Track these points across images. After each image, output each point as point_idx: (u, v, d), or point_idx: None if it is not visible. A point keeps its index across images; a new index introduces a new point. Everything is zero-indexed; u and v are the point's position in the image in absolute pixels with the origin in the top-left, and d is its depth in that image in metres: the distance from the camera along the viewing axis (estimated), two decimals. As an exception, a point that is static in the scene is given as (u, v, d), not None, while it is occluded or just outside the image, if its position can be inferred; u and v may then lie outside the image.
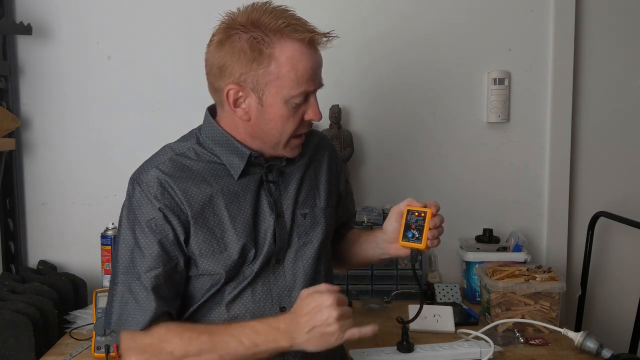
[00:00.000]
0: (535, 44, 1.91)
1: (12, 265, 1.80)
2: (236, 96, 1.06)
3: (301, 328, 0.96)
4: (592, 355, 1.36)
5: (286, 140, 1.09)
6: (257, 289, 1.10)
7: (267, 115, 1.06)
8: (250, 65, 1.03)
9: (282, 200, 1.14)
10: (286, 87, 1.03)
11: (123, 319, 1.03)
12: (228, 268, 1.07)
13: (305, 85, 1.05)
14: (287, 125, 1.07)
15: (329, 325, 0.95)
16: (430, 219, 1.11)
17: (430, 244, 1.12)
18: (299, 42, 1.03)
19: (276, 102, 1.05)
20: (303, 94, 1.05)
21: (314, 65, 1.06)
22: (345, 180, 1.33)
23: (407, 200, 1.14)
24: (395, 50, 1.89)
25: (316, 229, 1.17)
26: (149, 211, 1.05)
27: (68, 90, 1.84)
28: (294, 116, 1.07)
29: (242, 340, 0.98)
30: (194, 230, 1.06)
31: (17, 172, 1.82)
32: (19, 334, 1.36)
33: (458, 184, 1.93)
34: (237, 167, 1.11)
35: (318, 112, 1.08)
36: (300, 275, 1.13)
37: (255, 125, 1.08)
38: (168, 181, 1.07)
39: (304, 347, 0.97)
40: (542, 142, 1.94)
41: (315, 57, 1.06)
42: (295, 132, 1.09)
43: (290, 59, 1.02)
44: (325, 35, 1.05)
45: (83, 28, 1.83)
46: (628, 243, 1.98)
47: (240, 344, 0.98)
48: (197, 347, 1.00)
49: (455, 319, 1.53)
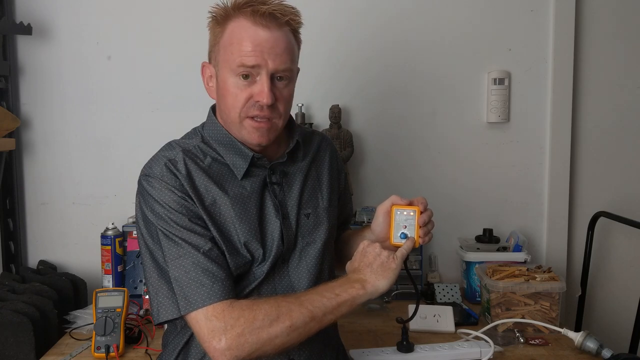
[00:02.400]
0: (535, 44, 1.91)
1: (12, 265, 1.80)
2: (208, 73, 1.13)
3: (363, 269, 1.08)
4: (592, 355, 1.36)
5: (238, 119, 1.08)
6: (262, 289, 1.10)
7: (220, 90, 1.09)
8: (213, 41, 1.10)
9: (286, 202, 1.15)
10: (229, 60, 1.06)
11: (192, 300, 0.99)
12: (238, 266, 1.07)
13: (246, 59, 1.03)
14: (235, 102, 1.06)
15: (379, 255, 1.08)
16: (419, 216, 1.11)
17: (423, 241, 1.12)
18: (245, 16, 1.05)
19: (224, 76, 1.07)
20: (242, 67, 1.04)
21: (256, 41, 1.04)
22: (345, 180, 1.34)
23: (392, 198, 1.15)
24: (396, 49, 1.89)
25: (319, 228, 1.17)
26: (172, 196, 1.05)
27: (68, 90, 1.84)
28: (241, 93, 1.06)
29: (323, 294, 1.04)
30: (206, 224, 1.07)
31: (17, 172, 1.82)
32: (19, 334, 1.36)
33: (458, 184, 1.93)
34: (241, 168, 1.11)
35: (264, 94, 1.04)
36: (304, 275, 1.13)
37: (218, 107, 1.12)
38: (179, 176, 1.07)
39: (377, 285, 1.06)
40: (542, 142, 1.94)
41: (260, 34, 1.04)
42: (246, 112, 1.07)
43: (235, 30, 1.06)
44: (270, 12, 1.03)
45: (83, 28, 1.83)
46: (628, 243, 1.99)
47: (323, 296, 1.03)
48: (287, 307, 1.00)
49: (455, 319, 1.53)
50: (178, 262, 1.02)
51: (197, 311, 0.99)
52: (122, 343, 1.39)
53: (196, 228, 1.04)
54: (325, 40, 1.83)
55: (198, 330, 1.00)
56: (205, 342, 0.98)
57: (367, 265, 1.08)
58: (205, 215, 1.06)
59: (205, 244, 1.04)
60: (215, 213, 1.07)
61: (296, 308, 1.00)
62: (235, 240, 1.07)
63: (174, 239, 1.03)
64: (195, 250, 1.02)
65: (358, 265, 1.10)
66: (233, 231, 1.07)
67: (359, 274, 1.08)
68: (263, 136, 1.09)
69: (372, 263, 1.08)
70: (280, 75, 1.07)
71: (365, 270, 1.08)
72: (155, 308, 1.04)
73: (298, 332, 1.00)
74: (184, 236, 1.03)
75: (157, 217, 1.05)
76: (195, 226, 1.04)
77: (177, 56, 1.84)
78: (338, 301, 1.03)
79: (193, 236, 1.03)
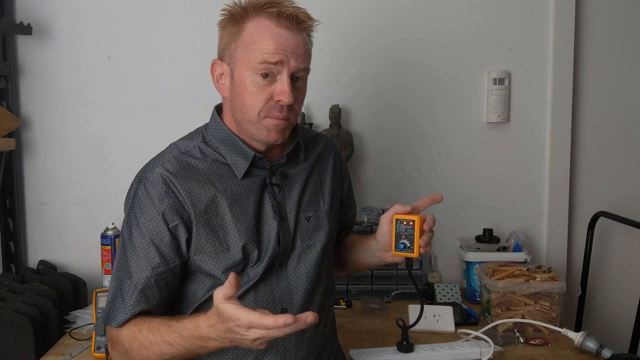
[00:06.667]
0: (535, 44, 1.91)
1: (12, 265, 1.80)
2: (219, 71, 1.11)
3: (220, 339, 0.92)
4: (592, 355, 1.36)
5: (257, 118, 1.07)
6: (259, 291, 1.10)
7: (237, 89, 1.08)
8: (229, 40, 1.08)
9: (285, 203, 1.14)
10: (249, 59, 1.05)
11: (110, 315, 1.05)
12: (228, 268, 1.07)
13: (267, 56, 1.03)
14: (255, 101, 1.06)
15: (243, 341, 0.90)
16: (419, 226, 1.11)
17: (423, 251, 1.12)
18: (268, 16, 1.05)
19: (242, 74, 1.06)
20: (264, 66, 1.04)
21: (279, 41, 1.04)
22: (349, 185, 1.34)
23: (394, 208, 1.14)
24: (396, 50, 1.89)
25: (319, 232, 1.16)
26: (150, 212, 1.05)
27: (68, 90, 1.84)
28: (261, 92, 1.05)
29: (172, 344, 0.98)
30: (196, 230, 1.07)
31: (17, 172, 1.82)
32: (19, 334, 1.36)
33: (458, 184, 1.93)
34: (241, 167, 1.11)
35: (287, 93, 1.04)
36: (302, 278, 1.12)
37: (232, 104, 1.10)
38: (172, 180, 1.07)
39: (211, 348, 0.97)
40: (542, 142, 1.94)
41: (283, 34, 1.04)
42: (266, 112, 1.06)
43: (256, 29, 1.05)
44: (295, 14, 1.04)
45: (83, 28, 1.83)
46: (628, 243, 1.99)
47: (172, 346, 0.98)
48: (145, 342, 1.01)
49: (455, 319, 1.53)
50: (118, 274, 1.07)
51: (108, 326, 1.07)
52: (122, 343, 1.39)
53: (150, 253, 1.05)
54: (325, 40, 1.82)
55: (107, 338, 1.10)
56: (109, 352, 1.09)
57: (228, 340, 0.91)
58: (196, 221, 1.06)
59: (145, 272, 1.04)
60: (210, 214, 1.07)
61: (147, 347, 1.00)
62: (230, 239, 1.07)
63: (126, 251, 1.06)
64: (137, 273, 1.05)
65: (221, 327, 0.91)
66: (229, 231, 1.07)
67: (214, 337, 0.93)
68: (280, 133, 1.09)
69: (233, 341, 0.91)
70: (298, 75, 1.08)
71: (222, 340, 0.92)
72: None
73: None
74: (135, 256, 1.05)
75: (128, 222, 1.08)
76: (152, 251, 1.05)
77: (177, 56, 1.84)
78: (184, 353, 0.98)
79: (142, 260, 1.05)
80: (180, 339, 0.97)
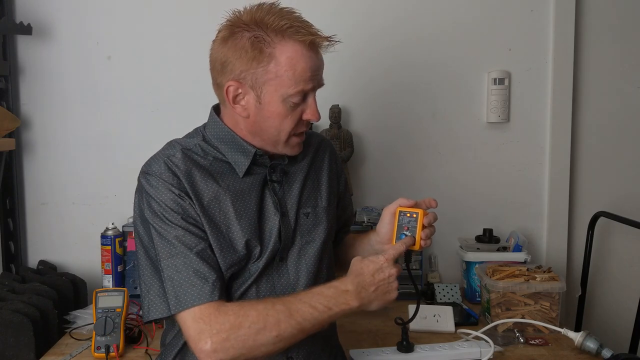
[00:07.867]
0: (535, 44, 1.91)
1: (12, 265, 1.80)
2: (235, 92, 1.08)
3: (367, 287, 1.04)
4: (592, 355, 1.36)
5: (286, 138, 1.11)
6: (261, 286, 1.10)
7: (265, 112, 1.08)
8: (250, 63, 1.05)
9: (286, 200, 1.15)
10: (284, 86, 1.05)
11: (182, 299, 1.00)
12: (232, 264, 1.07)
13: (303, 85, 1.06)
14: (285, 123, 1.09)
15: (390, 282, 1.06)
16: (422, 219, 1.11)
17: (424, 244, 1.12)
18: (299, 43, 1.05)
19: (274, 100, 1.06)
20: (300, 93, 1.07)
21: (313, 67, 1.07)
22: (345, 182, 1.34)
23: (398, 201, 1.15)
24: (396, 50, 1.89)
25: (318, 228, 1.17)
26: (169, 195, 1.06)
27: (68, 90, 1.84)
28: (292, 115, 1.09)
29: (315, 306, 1.01)
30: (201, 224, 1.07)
31: (17, 172, 1.82)
32: (19, 334, 1.36)
33: (458, 184, 1.93)
34: (242, 165, 1.12)
35: (316, 112, 1.10)
36: (302, 274, 1.13)
37: (254, 123, 1.10)
38: (178, 174, 1.08)
39: (369, 307, 1.06)
40: (542, 142, 1.94)
41: (314, 59, 1.07)
42: (294, 130, 1.11)
43: (290, 60, 1.04)
44: (327, 39, 1.07)
45: (83, 28, 1.83)
46: (628, 243, 1.98)
47: (314, 309, 1.01)
48: (275, 317, 0.99)
49: (455, 319, 1.53)
50: (170, 261, 1.03)
51: (186, 311, 1.00)
52: (122, 343, 1.39)
53: (190, 228, 1.05)
54: (325, 40, 1.83)
55: (186, 330, 1.01)
56: (192, 343, 0.99)
57: (374, 284, 1.05)
58: (202, 214, 1.06)
59: (198, 244, 1.04)
60: (213, 210, 1.08)
61: (285, 319, 0.99)
62: (233, 236, 1.08)
63: (168, 237, 1.04)
64: (187, 250, 1.03)
65: (366, 275, 1.06)
66: (232, 227, 1.08)
67: (361, 288, 1.05)
68: (301, 146, 1.16)
69: (380, 286, 1.05)
70: None
71: (369, 288, 1.05)
72: (146, 305, 1.06)
73: (285, 342, 1.01)
74: (178, 235, 1.04)
75: (153, 214, 1.06)
76: (190, 226, 1.05)
77: (177, 56, 1.83)
78: (329, 314, 1.02)
79: (187, 235, 1.04)
80: (324, 298, 1.01)
